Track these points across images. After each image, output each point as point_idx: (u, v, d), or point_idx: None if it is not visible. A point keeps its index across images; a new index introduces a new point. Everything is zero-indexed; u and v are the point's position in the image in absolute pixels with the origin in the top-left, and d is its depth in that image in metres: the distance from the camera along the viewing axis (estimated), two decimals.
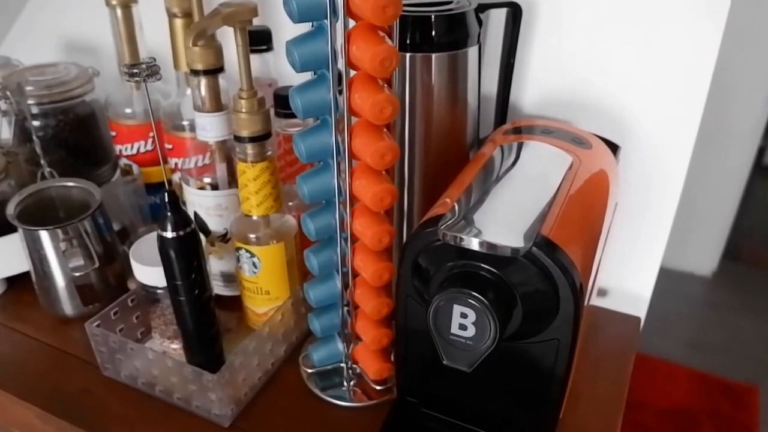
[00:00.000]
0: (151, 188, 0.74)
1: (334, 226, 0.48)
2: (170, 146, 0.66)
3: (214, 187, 0.61)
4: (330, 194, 0.46)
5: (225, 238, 0.61)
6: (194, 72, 0.55)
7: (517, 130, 0.56)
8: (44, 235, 0.60)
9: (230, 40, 0.50)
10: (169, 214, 0.47)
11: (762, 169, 2.24)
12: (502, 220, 0.41)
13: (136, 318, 0.61)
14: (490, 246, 0.38)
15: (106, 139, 0.75)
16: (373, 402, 0.55)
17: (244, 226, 0.56)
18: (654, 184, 0.63)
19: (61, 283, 0.63)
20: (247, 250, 0.56)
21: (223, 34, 0.52)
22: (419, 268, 0.44)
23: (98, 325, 0.56)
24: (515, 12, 0.57)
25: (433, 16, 0.52)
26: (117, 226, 0.71)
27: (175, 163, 0.66)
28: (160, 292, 0.57)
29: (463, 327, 0.40)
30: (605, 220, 0.49)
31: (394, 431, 0.52)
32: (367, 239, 0.46)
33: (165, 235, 0.48)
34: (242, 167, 0.53)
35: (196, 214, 0.61)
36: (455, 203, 0.43)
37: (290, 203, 0.62)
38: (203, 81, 0.55)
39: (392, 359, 0.54)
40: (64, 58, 0.84)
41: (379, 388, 0.55)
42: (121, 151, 0.73)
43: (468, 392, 0.50)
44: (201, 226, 0.60)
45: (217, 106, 0.57)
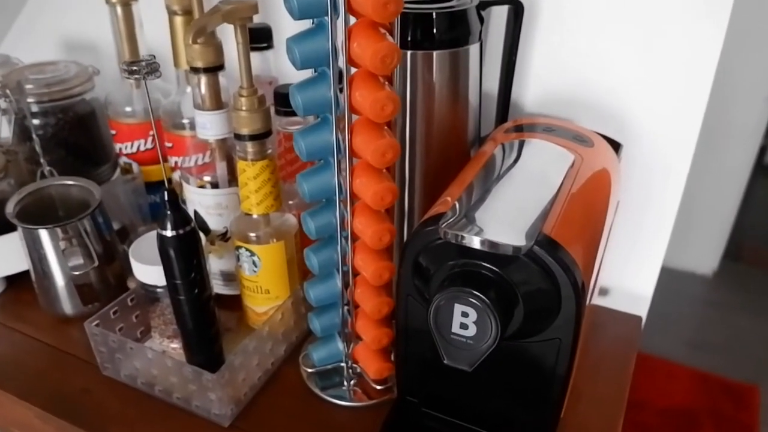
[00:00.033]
0: (150, 187, 0.74)
1: (334, 225, 0.47)
2: (170, 145, 0.65)
3: (214, 185, 0.60)
4: (330, 193, 0.46)
5: (225, 236, 0.61)
6: (194, 70, 0.54)
7: (519, 128, 0.55)
8: (44, 234, 0.60)
9: (230, 37, 0.49)
10: (169, 213, 0.47)
11: (763, 169, 2.24)
12: (504, 219, 0.41)
13: (136, 317, 0.61)
14: (492, 244, 0.38)
15: (105, 137, 0.75)
16: (373, 402, 0.55)
17: (244, 225, 0.56)
18: (656, 182, 0.62)
19: (61, 283, 0.62)
20: (247, 249, 0.56)
21: (224, 31, 0.52)
22: (420, 267, 0.44)
23: (98, 325, 0.56)
24: (517, 9, 0.57)
25: (434, 13, 0.52)
26: (117, 225, 0.71)
27: (175, 162, 0.66)
28: (159, 291, 0.57)
29: (464, 326, 0.40)
30: (607, 219, 0.49)
31: (395, 431, 0.52)
32: (368, 238, 0.46)
33: (165, 233, 0.48)
34: (242, 165, 0.53)
35: (196, 213, 0.61)
36: (456, 202, 0.43)
37: (290, 202, 0.62)
38: (203, 79, 0.55)
39: (392, 359, 0.54)
40: (64, 57, 0.84)
41: (379, 387, 0.55)
42: (121, 149, 0.73)
43: (469, 392, 0.50)
44: (201, 225, 0.60)
45: (217, 104, 0.56)
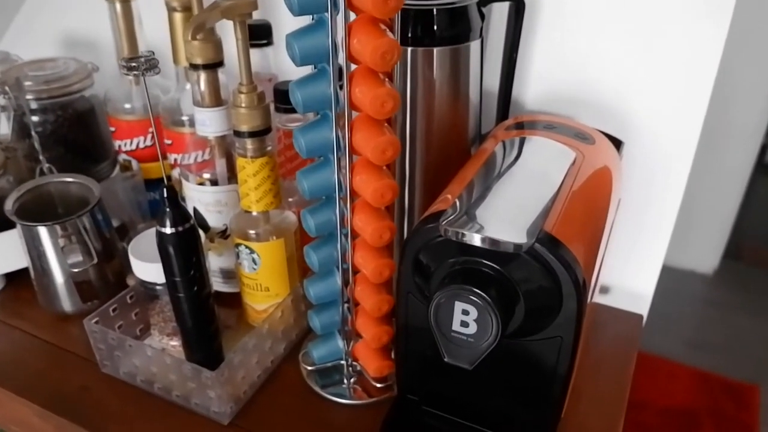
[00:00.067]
0: (150, 184, 0.74)
1: (334, 222, 0.47)
2: (169, 142, 0.65)
3: (214, 182, 0.60)
4: (330, 190, 0.45)
5: (224, 234, 0.61)
6: (193, 66, 0.54)
7: (520, 126, 0.55)
8: (43, 231, 0.60)
9: (230, 34, 0.49)
10: (168, 210, 0.47)
11: (764, 168, 2.23)
12: (505, 216, 0.41)
13: (135, 315, 0.60)
14: (493, 242, 0.38)
15: (105, 134, 0.75)
16: (373, 399, 0.55)
17: (244, 222, 0.56)
18: (657, 180, 0.62)
19: (60, 280, 0.62)
20: (247, 247, 0.56)
21: (223, 28, 0.52)
22: (420, 265, 0.43)
23: (97, 322, 0.56)
24: (518, 6, 0.56)
25: (435, 10, 0.52)
26: (116, 223, 0.71)
27: (175, 159, 0.66)
28: (159, 288, 0.57)
29: (464, 324, 0.40)
30: (608, 217, 0.49)
31: (395, 429, 0.52)
32: (368, 235, 0.45)
33: (164, 230, 0.48)
34: (242, 163, 0.53)
35: (195, 210, 0.60)
36: (457, 199, 0.43)
37: (290, 199, 0.62)
38: (202, 75, 0.55)
39: (393, 356, 0.54)
40: (63, 54, 0.83)
41: (379, 385, 0.55)
42: (120, 146, 0.73)
43: (469, 390, 0.50)
44: (200, 222, 0.60)
45: (217, 101, 0.56)
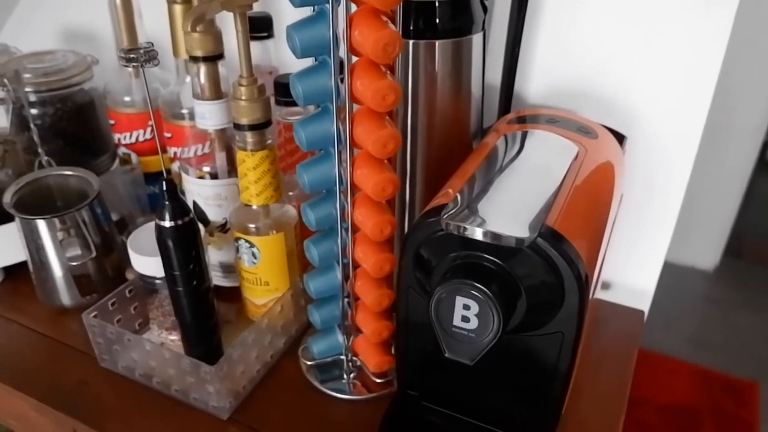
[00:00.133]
0: (150, 178, 0.74)
1: (334, 216, 0.47)
2: (169, 135, 0.65)
3: (214, 176, 0.60)
4: (331, 183, 0.45)
5: (224, 228, 0.61)
6: (193, 59, 0.54)
7: (522, 120, 0.55)
8: (41, 225, 0.60)
9: (230, 26, 0.49)
10: (167, 203, 0.47)
11: (765, 165, 2.22)
12: (507, 211, 0.41)
13: (134, 309, 0.60)
14: (495, 236, 0.38)
15: (104, 127, 0.74)
16: (373, 395, 0.55)
17: (244, 216, 0.56)
18: (659, 176, 0.62)
19: (59, 273, 0.62)
20: (247, 241, 0.55)
21: (223, 20, 0.51)
22: (421, 259, 0.43)
23: (95, 316, 0.56)
24: None
25: (437, 2, 0.51)
26: (115, 216, 0.70)
27: (174, 152, 0.65)
28: (158, 282, 0.56)
29: (465, 319, 0.39)
30: (611, 212, 0.49)
31: (395, 425, 0.51)
32: (369, 229, 0.45)
33: (163, 224, 0.47)
34: (242, 156, 0.52)
35: (195, 204, 0.60)
36: (458, 193, 0.42)
37: (290, 193, 0.61)
38: (202, 68, 0.54)
39: (393, 352, 0.54)
40: (62, 46, 0.83)
41: (379, 381, 0.55)
42: (119, 139, 0.73)
43: (470, 386, 0.49)
44: (200, 216, 0.59)
45: (217, 93, 0.56)
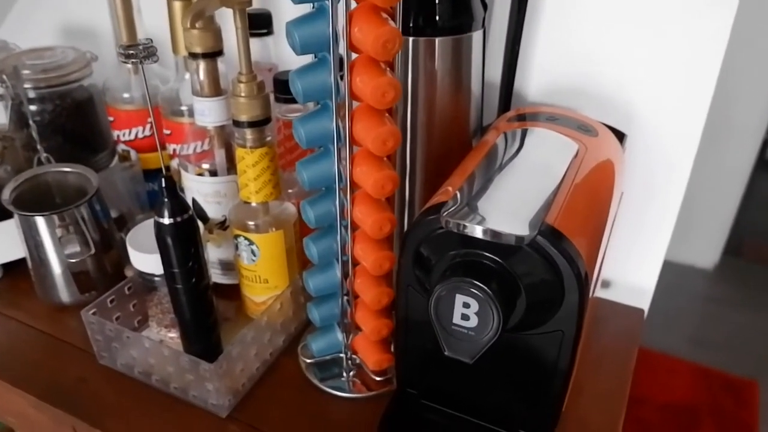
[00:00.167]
0: (149, 175, 0.74)
1: (334, 214, 0.47)
2: (168, 132, 0.65)
3: (213, 173, 0.60)
4: (330, 181, 0.45)
5: (223, 225, 0.61)
6: (192, 55, 0.53)
7: (522, 117, 0.55)
8: (40, 221, 0.59)
9: (229, 23, 0.48)
10: (167, 200, 0.47)
11: (765, 164, 2.22)
12: (506, 208, 0.40)
13: (133, 306, 0.60)
14: (494, 234, 0.37)
15: (103, 124, 0.74)
16: (372, 393, 0.54)
17: (243, 214, 0.55)
18: (659, 175, 0.62)
19: (57, 270, 0.62)
20: (246, 238, 0.55)
21: (223, 17, 0.51)
22: (421, 257, 0.43)
23: (94, 313, 0.56)
24: None
25: None
26: (114, 213, 0.70)
27: (174, 149, 0.65)
28: (157, 279, 0.56)
29: (465, 317, 0.39)
30: (611, 210, 0.48)
31: (394, 423, 0.51)
32: (368, 227, 0.45)
33: (162, 221, 0.47)
34: (241, 153, 0.52)
35: (194, 201, 0.60)
36: (458, 191, 0.42)
37: (290, 190, 0.61)
38: (202, 64, 0.54)
39: (392, 350, 0.53)
40: (62, 43, 0.83)
41: (378, 379, 0.55)
42: (119, 136, 0.72)
43: (469, 384, 0.49)
44: (199, 213, 0.59)
45: (216, 90, 0.55)
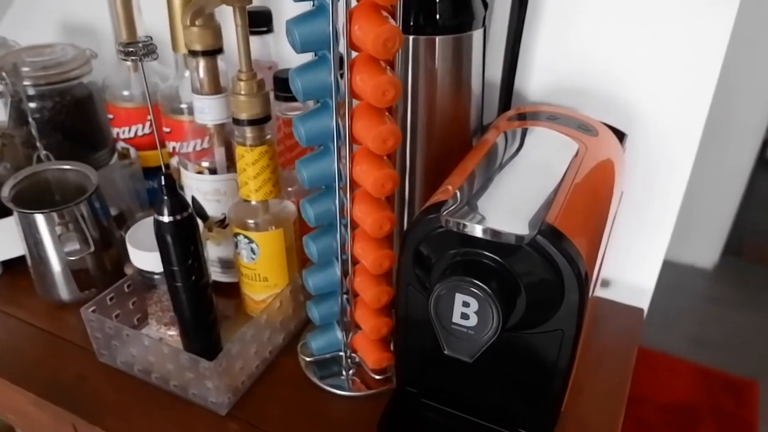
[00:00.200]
0: (148, 172, 0.74)
1: (333, 212, 0.47)
2: (168, 129, 0.65)
3: (213, 171, 0.60)
4: (330, 179, 0.45)
5: (223, 223, 0.61)
6: (192, 53, 0.53)
7: (522, 117, 0.54)
8: (40, 219, 0.59)
9: (229, 20, 0.48)
10: (166, 198, 0.47)
11: (765, 164, 2.22)
12: (506, 208, 0.40)
13: (133, 304, 0.60)
14: (494, 233, 0.37)
15: (103, 121, 0.74)
16: (372, 392, 0.54)
17: (243, 212, 0.55)
18: (660, 174, 0.62)
19: (57, 268, 0.62)
20: (246, 236, 0.55)
21: (223, 15, 0.51)
22: (420, 256, 0.43)
23: (94, 311, 0.56)
24: None
25: None
26: (114, 211, 0.70)
27: (173, 147, 0.65)
28: (156, 277, 0.56)
29: (465, 316, 0.39)
30: (611, 209, 0.48)
31: (394, 421, 0.51)
32: (368, 226, 0.45)
33: (162, 219, 0.47)
34: (241, 151, 0.52)
35: (193, 199, 0.60)
36: (458, 190, 0.42)
37: (289, 189, 0.61)
38: (201, 62, 0.54)
39: (392, 348, 0.53)
40: (61, 40, 0.83)
41: (378, 377, 0.55)
42: (118, 134, 0.72)
43: (469, 383, 0.49)
44: (199, 211, 0.59)
45: (216, 88, 0.55)
